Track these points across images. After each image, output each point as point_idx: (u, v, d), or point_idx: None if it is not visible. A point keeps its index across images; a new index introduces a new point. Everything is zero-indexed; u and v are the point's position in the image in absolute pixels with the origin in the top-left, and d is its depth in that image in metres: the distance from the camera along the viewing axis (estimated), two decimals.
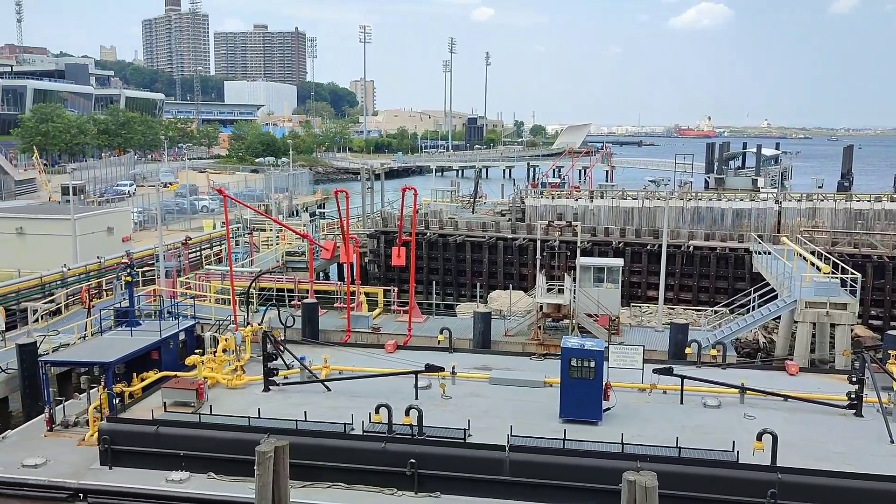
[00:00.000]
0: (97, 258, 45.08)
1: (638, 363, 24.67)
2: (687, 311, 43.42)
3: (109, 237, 50.83)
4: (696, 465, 19.57)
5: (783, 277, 36.13)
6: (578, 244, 40.82)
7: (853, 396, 23.63)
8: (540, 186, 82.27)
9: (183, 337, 29.30)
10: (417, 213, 43.74)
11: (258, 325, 29.70)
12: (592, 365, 22.71)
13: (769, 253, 41.67)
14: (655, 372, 24.82)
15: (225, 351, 27.37)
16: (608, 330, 33.32)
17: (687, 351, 29.59)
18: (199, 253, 51.01)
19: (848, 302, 32.95)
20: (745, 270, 46.48)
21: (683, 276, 48.04)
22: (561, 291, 34.54)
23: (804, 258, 37.38)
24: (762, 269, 42.16)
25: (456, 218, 57.01)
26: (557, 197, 64.67)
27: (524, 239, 50.54)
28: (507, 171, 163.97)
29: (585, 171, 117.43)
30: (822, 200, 59.33)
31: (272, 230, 54.25)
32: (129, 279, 29.61)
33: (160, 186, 47.48)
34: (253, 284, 35.54)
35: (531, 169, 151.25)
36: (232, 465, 21.39)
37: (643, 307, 44.52)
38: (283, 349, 26.60)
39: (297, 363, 26.55)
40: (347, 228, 36.40)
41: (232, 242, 43.33)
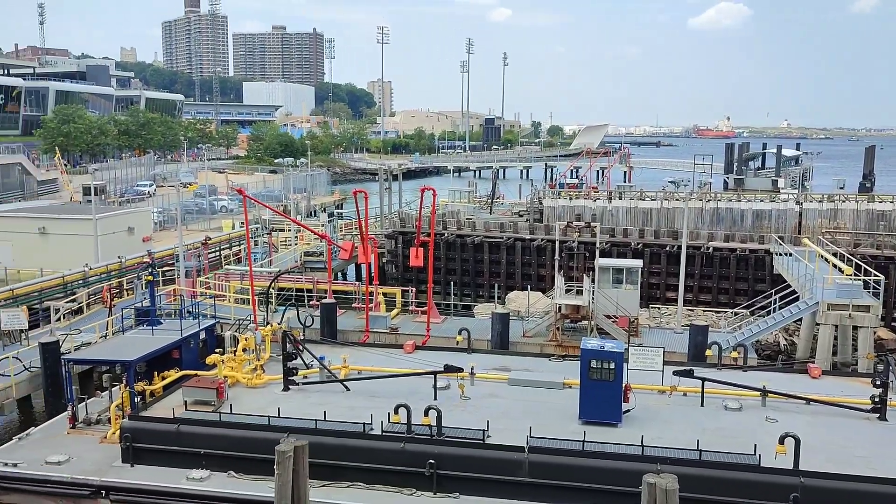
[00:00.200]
0: (118, 258, 45.53)
1: (658, 365, 24.51)
2: (706, 312, 43.12)
3: (130, 237, 51.33)
4: (717, 468, 19.42)
5: (805, 279, 35.78)
6: (597, 245, 40.62)
7: (877, 400, 23.34)
8: (558, 187, 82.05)
9: (203, 336, 29.50)
10: (435, 213, 43.74)
11: (278, 324, 29.86)
12: (612, 366, 22.62)
13: (790, 254, 41.28)
14: (676, 374, 24.67)
15: (245, 350, 27.56)
16: (627, 331, 33.15)
17: (707, 353, 29.37)
18: (218, 253, 51.38)
19: (871, 304, 32.57)
20: (765, 272, 46.08)
21: (703, 277, 47.73)
22: (580, 293, 34.40)
23: (826, 260, 36.99)
24: (783, 270, 41.78)
25: (473, 218, 56.97)
26: (575, 197, 64.46)
27: (542, 240, 50.41)
28: (524, 171, 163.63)
29: (603, 171, 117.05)
30: (843, 201, 58.69)
31: (290, 230, 54.54)
32: (150, 278, 29.85)
33: (180, 187, 47.72)
34: (272, 284, 35.70)
35: (549, 169, 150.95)
36: (252, 463, 21.51)
37: (662, 308, 44.28)
38: (302, 349, 26.71)
39: (316, 363, 26.64)
40: (366, 229, 36.46)
41: (251, 243, 43.51)
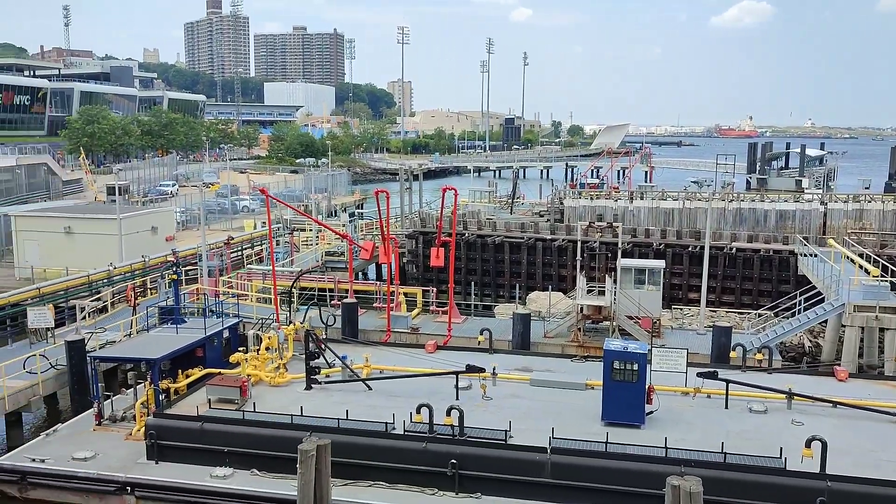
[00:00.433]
0: (142, 257, 45.97)
1: (681, 366, 24.32)
2: (729, 313, 42.73)
3: (153, 237, 51.80)
4: (742, 471, 19.25)
5: (830, 280, 35.36)
6: (619, 245, 40.40)
7: None
8: (578, 187, 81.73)
9: (227, 335, 29.71)
10: (456, 213, 43.73)
11: (300, 323, 30.01)
12: (635, 368, 22.49)
13: (815, 255, 40.80)
14: (699, 376, 24.48)
15: (268, 349, 27.73)
16: (650, 332, 32.94)
17: (731, 355, 29.11)
18: (240, 252, 51.73)
19: None
20: (789, 273, 45.59)
21: (726, 278, 47.30)
22: (601, 293, 34.24)
23: (852, 261, 36.51)
24: (808, 271, 41.31)
25: (494, 218, 56.89)
26: (596, 197, 64.15)
27: (563, 240, 50.22)
28: (544, 171, 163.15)
29: (624, 171, 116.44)
30: (869, 201, 57.87)
31: (312, 230, 54.78)
32: (174, 277, 30.10)
33: (203, 187, 48.08)
34: (294, 284, 35.88)
35: (569, 169, 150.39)
36: (275, 461, 21.66)
37: (684, 309, 43.96)
38: (325, 348, 26.82)
39: (338, 362, 26.74)
40: (388, 228, 36.52)
41: (273, 242, 43.74)
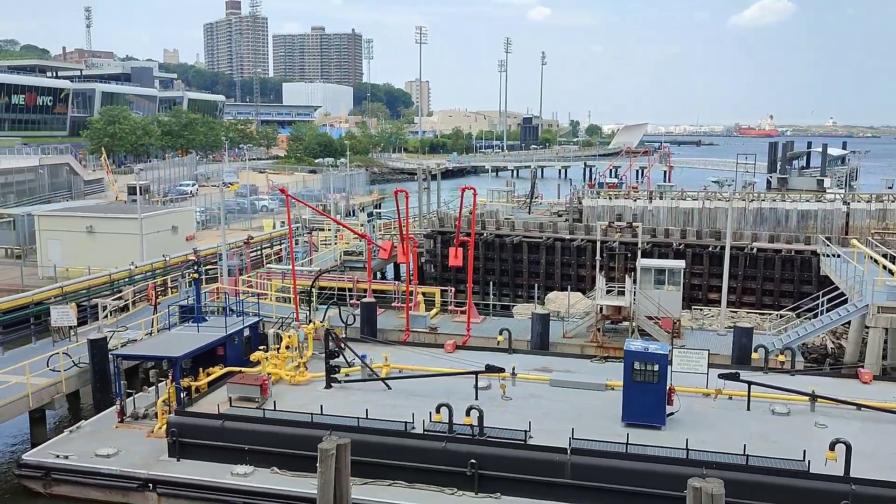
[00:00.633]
0: (162, 256, 46.31)
1: (702, 367, 24.15)
2: (750, 314, 42.36)
3: (174, 236, 52.15)
4: (764, 473, 19.09)
5: (854, 281, 34.92)
6: (639, 245, 40.16)
7: None
8: (597, 187, 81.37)
9: (247, 333, 29.88)
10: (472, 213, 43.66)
11: (320, 322, 30.11)
12: (656, 368, 22.36)
13: (838, 255, 40.32)
14: (721, 377, 24.29)
15: (288, 348, 27.84)
16: (670, 333, 32.71)
17: (753, 356, 28.84)
18: (259, 252, 51.98)
19: None
20: (811, 273, 45.08)
21: (746, 278, 46.86)
22: (621, 293, 34.05)
23: (875, 261, 36.03)
24: (830, 272, 40.82)
25: (512, 218, 56.78)
26: (615, 197, 63.84)
27: (582, 240, 50.02)
28: (562, 171, 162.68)
29: (643, 171, 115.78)
30: (892, 201, 57.12)
31: (330, 230, 54.93)
32: (195, 276, 30.30)
33: (223, 186, 48.37)
34: (314, 283, 36.01)
35: (588, 169, 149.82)
36: (295, 460, 21.77)
37: (704, 310, 43.61)
38: (344, 347, 26.90)
39: (357, 361, 26.81)
40: (407, 228, 36.55)
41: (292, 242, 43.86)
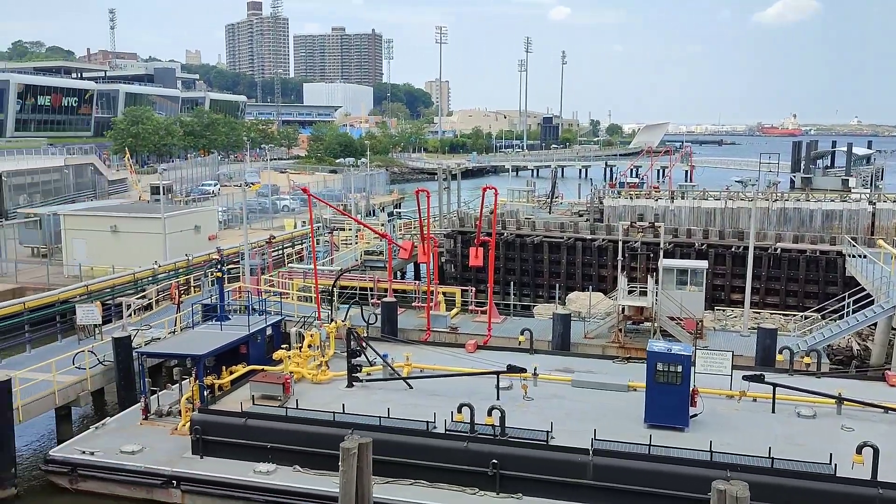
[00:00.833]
0: (185, 255, 46.70)
1: (726, 369, 23.95)
2: (773, 315, 41.92)
3: (197, 235, 52.56)
4: (790, 476, 18.89)
5: (881, 282, 34.46)
6: (661, 245, 39.88)
7: None
8: (618, 186, 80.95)
9: (270, 332, 30.06)
10: (493, 213, 43.62)
11: (342, 321, 30.22)
12: (679, 370, 22.20)
13: (864, 256, 39.80)
14: (745, 379, 24.06)
15: (310, 346, 27.97)
16: (692, 334, 32.46)
17: (778, 357, 28.53)
18: (281, 251, 52.28)
19: None
20: (836, 274, 44.50)
21: (770, 279, 46.36)
22: (643, 293, 33.85)
23: None
24: (856, 272, 40.30)
25: (533, 218, 56.63)
26: (637, 197, 63.48)
27: (603, 240, 49.78)
28: (583, 170, 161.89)
29: (664, 170, 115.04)
30: None
31: (351, 229, 55.13)
32: (219, 275, 30.52)
33: (245, 186, 48.69)
34: (336, 283, 36.14)
35: (608, 168, 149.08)
36: (317, 458, 21.85)
37: (727, 311, 43.21)
38: (366, 346, 26.97)
39: (378, 360, 26.88)
40: (428, 228, 36.57)
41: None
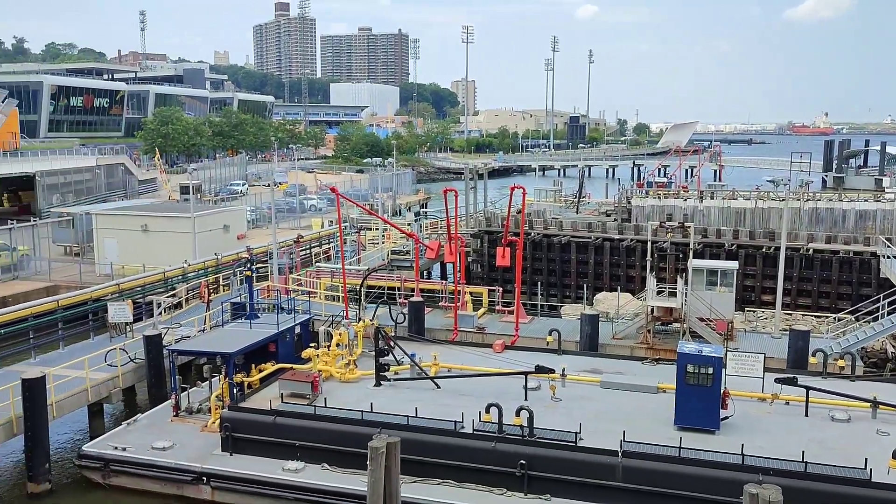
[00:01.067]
0: (214, 255, 47.13)
1: (758, 371, 23.64)
2: (805, 317, 41.30)
3: (225, 235, 53.00)
4: (824, 481, 18.58)
5: None
6: (691, 246, 39.47)
7: None
8: (646, 186, 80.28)
9: (298, 331, 30.23)
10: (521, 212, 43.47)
11: (370, 321, 30.32)
12: (710, 371, 21.95)
13: None
14: (778, 381, 23.73)
15: (338, 345, 28.09)
16: (723, 336, 32.08)
17: (811, 360, 28.08)
18: (308, 251, 52.58)
19: None
20: (870, 275, 43.72)
21: (802, 280, 45.67)
22: (672, 294, 33.52)
23: None
24: (891, 273, 39.56)
25: (560, 218, 56.36)
26: (665, 197, 62.88)
27: (631, 240, 49.40)
28: (610, 170, 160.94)
29: (693, 170, 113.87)
30: None
31: (378, 229, 55.30)
32: (249, 274, 30.77)
33: (273, 186, 49.03)
34: (363, 282, 36.27)
35: (636, 168, 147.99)
36: (345, 457, 21.93)
37: (757, 312, 42.65)
38: (394, 345, 27.03)
39: (407, 359, 26.92)
40: (456, 228, 36.55)
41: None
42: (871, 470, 18.89)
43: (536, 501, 20.49)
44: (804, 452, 19.63)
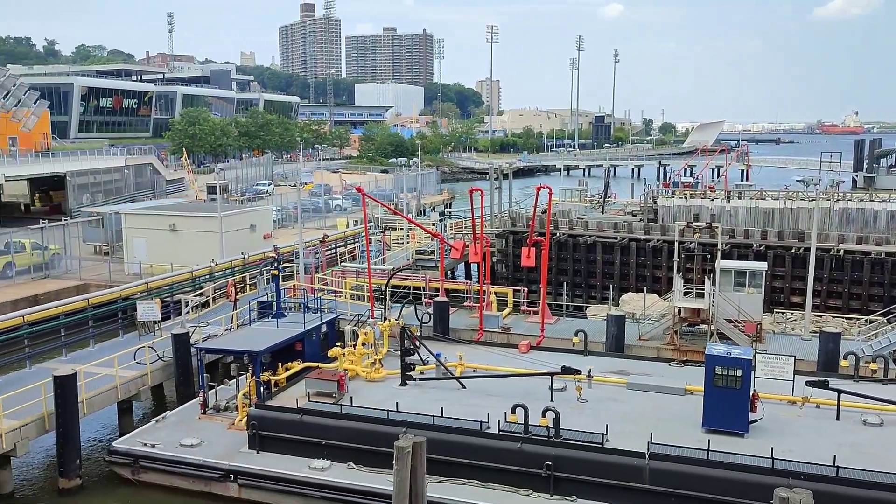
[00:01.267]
0: (241, 254, 47.51)
1: (788, 374, 23.32)
2: (836, 318, 40.68)
3: (252, 234, 53.42)
4: (857, 486, 18.28)
5: None
6: (719, 246, 39.05)
7: None
8: (672, 186, 79.61)
9: (324, 330, 30.39)
10: (546, 212, 43.31)
11: (395, 320, 30.39)
12: (739, 374, 21.69)
13: None
14: (808, 384, 23.37)
15: (364, 345, 28.19)
16: (751, 337, 31.70)
17: (842, 363, 27.65)
18: (334, 250, 52.82)
19: None
20: None
21: (832, 281, 44.99)
22: (699, 295, 33.19)
23: None
24: None
25: (586, 218, 56.07)
26: (691, 197, 62.29)
27: (658, 240, 49.00)
28: (635, 170, 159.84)
29: (719, 170, 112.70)
30: None
31: (402, 229, 55.41)
32: (276, 273, 30.98)
33: (299, 186, 49.30)
34: (389, 282, 36.38)
35: (662, 168, 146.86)
36: (371, 456, 22.02)
37: (786, 313, 42.08)
38: (419, 345, 27.07)
39: (432, 359, 26.94)
40: (482, 228, 36.50)
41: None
42: None
43: (562, 503, 20.40)
44: (835, 456, 19.32)
